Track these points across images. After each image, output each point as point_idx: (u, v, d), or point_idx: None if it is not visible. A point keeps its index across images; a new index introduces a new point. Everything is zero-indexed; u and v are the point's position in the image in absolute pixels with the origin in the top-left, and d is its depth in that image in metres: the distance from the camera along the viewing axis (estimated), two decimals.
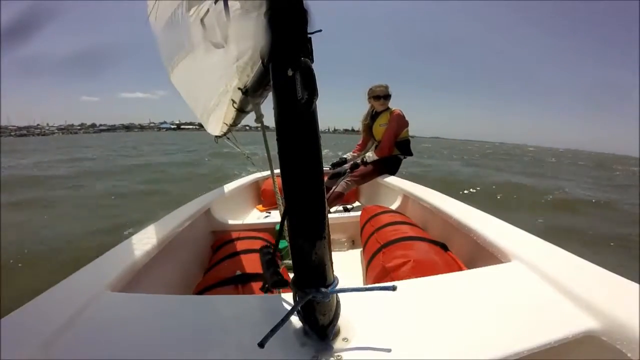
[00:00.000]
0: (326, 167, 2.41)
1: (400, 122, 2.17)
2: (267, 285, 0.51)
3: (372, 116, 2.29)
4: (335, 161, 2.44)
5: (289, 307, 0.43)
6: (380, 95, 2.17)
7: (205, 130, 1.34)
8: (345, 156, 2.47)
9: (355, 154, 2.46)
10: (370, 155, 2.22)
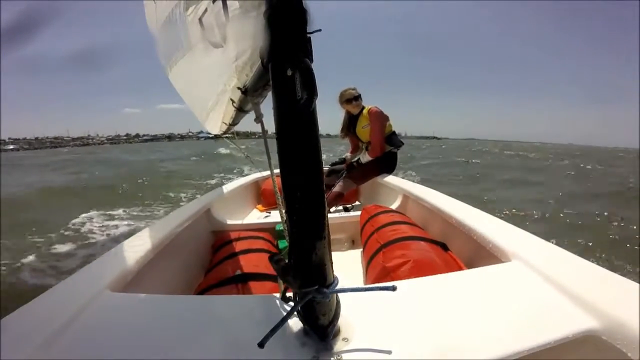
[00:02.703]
0: (325, 168, 2.41)
1: (381, 118, 2.17)
2: (287, 291, 0.50)
3: (350, 121, 2.29)
4: (334, 161, 2.44)
5: (289, 307, 0.42)
6: (350, 98, 2.19)
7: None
8: (344, 156, 2.47)
9: (352, 155, 2.47)
10: (365, 157, 2.23)
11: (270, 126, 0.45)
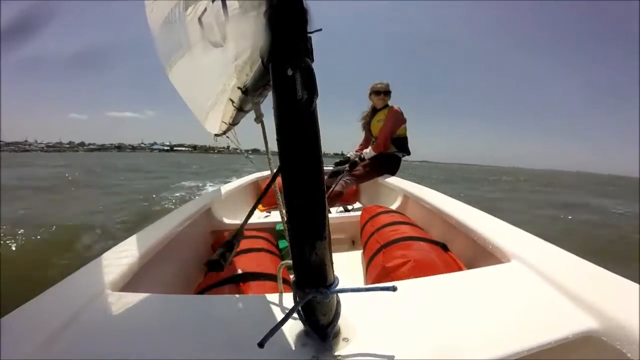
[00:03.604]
0: (329, 167, 2.41)
1: (397, 118, 2.16)
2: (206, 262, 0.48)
3: (372, 113, 2.30)
4: (338, 160, 2.44)
5: (289, 307, 0.42)
6: (380, 91, 2.18)
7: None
8: (348, 155, 2.46)
9: (358, 153, 2.46)
10: (368, 152, 2.22)
11: (271, 126, 0.45)
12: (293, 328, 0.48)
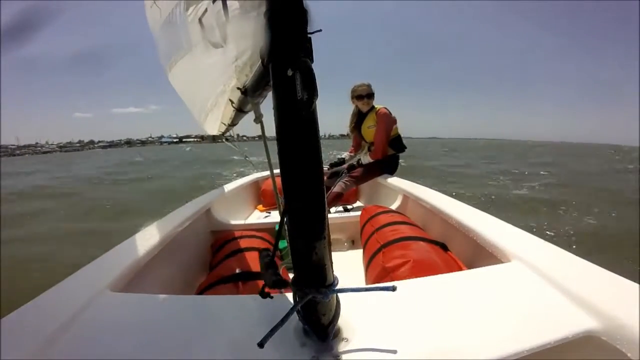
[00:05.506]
0: (325, 167, 2.41)
1: (388, 121, 2.14)
2: (265, 289, 0.49)
3: (359, 117, 2.26)
4: (333, 161, 2.43)
5: (289, 307, 0.42)
6: (362, 95, 2.12)
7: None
8: (343, 156, 2.46)
9: (352, 154, 2.45)
10: (365, 158, 2.21)
11: (270, 126, 0.46)
12: (293, 328, 0.48)
